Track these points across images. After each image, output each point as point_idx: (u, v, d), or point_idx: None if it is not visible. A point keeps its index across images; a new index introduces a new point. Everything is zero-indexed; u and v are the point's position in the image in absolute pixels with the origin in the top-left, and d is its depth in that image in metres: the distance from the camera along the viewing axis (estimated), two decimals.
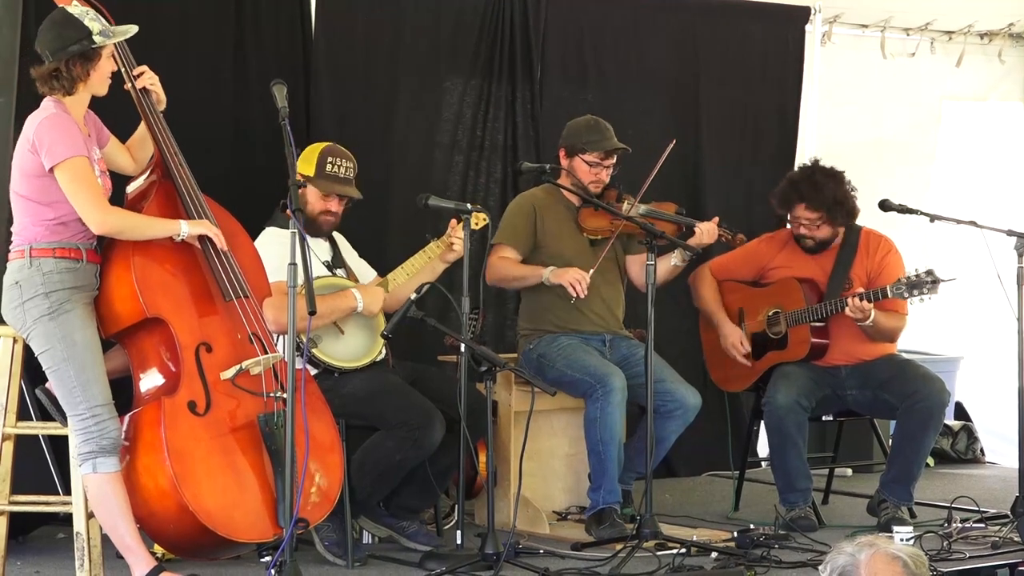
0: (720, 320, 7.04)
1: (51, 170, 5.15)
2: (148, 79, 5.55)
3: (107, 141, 5.51)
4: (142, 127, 5.63)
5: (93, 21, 5.23)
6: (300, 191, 6.09)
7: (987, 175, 9.65)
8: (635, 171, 6.77)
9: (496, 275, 6.73)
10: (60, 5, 5.33)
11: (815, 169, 6.90)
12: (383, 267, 6.44)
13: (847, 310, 6.61)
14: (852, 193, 6.85)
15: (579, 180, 6.70)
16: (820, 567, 3.59)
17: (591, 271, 6.54)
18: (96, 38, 5.22)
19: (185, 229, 5.36)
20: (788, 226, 6.98)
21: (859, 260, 6.90)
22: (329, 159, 6.23)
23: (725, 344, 7.00)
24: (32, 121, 5.23)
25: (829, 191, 6.78)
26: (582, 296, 6.52)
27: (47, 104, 5.26)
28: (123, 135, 5.66)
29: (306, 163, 6.20)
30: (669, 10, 8.48)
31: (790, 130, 8.77)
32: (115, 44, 5.37)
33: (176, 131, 5.61)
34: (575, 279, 6.51)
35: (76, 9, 5.26)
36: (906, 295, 6.58)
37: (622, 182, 6.81)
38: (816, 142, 8.83)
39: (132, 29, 5.36)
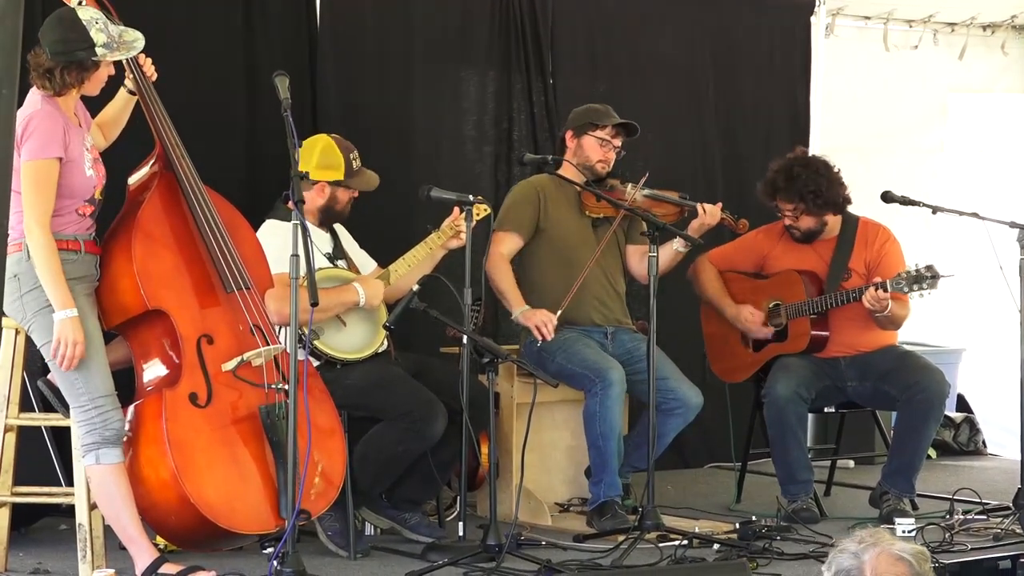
0: (726, 304, 7.03)
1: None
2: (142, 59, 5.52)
3: (90, 124, 5.48)
4: (114, 106, 5.60)
5: (99, 32, 5.16)
6: (328, 193, 6.14)
7: (993, 167, 9.65)
8: (648, 163, 6.77)
9: (491, 274, 6.66)
10: (70, 5, 5.29)
11: (793, 161, 6.89)
12: (394, 259, 6.42)
13: (865, 302, 6.59)
14: (837, 181, 6.82)
15: (587, 159, 6.72)
16: (823, 566, 3.54)
17: (559, 312, 6.51)
18: (98, 50, 5.17)
19: (66, 315, 5.11)
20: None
21: (858, 250, 6.90)
22: (351, 156, 6.23)
23: (741, 324, 6.96)
24: (19, 115, 5.19)
25: (802, 182, 6.76)
26: (548, 339, 6.49)
27: (35, 98, 5.21)
28: (127, 131, 5.67)
29: (332, 169, 6.17)
30: (677, 1, 8.49)
31: (802, 121, 8.80)
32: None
33: (186, 121, 5.61)
34: (542, 322, 6.49)
35: (86, 14, 5.19)
36: (906, 290, 6.56)
37: (627, 171, 6.83)
38: (821, 134, 8.84)
39: (138, 44, 5.28)
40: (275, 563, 5.18)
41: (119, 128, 5.64)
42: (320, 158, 6.19)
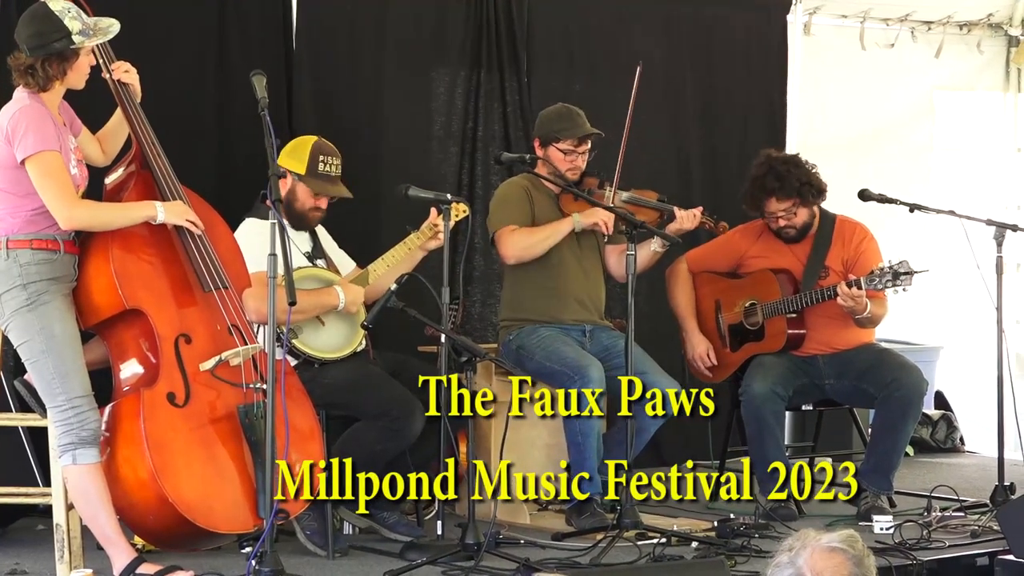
0: (689, 329, 7.06)
1: (22, 162, 5.13)
2: (124, 69, 5.54)
3: (79, 131, 5.49)
4: (114, 120, 5.61)
5: (74, 20, 5.17)
6: (289, 186, 6.11)
7: (976, 165, 9.68)
8: (625, 161, 6.77)
9: (520, 245, 6.62)
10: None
11: (772, 160, 6.90)
12: (371, 258, 6.42)
13: (839, 300, 6.60)
14: (814, 171, 6.86)
15: (556, 169, 6.71)
16: None
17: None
18: (75, 38, 5.17)
19: (162, 215, 5.34)
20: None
21: (835, 248, 6.91)
22: (321, 157, 6.20)
23: (691, 354, 7.03)
24: (6, 112, 5.21)
25: (793, 176, 6.79)
26: (610, 232, 6.57)
27: (20, 95, 5.23)
28: (101, 127, 5.65)
29: (296, 160, 6.17)
30: None
31: (778, 119, 8.82)
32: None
33: (158, 121, 5.60)
34: (604, 218, 6.54)
35: (57, 5, 5.19)
36: (880, 286, 6.57)
37: (603, 167, 6.82)
38: (799, 132, 8.86)
39: (114, 29, 5.30)
40: (253, 563, 5.18)
41: (116, 143, 5.63)
42: (291, 148, 6.23)
